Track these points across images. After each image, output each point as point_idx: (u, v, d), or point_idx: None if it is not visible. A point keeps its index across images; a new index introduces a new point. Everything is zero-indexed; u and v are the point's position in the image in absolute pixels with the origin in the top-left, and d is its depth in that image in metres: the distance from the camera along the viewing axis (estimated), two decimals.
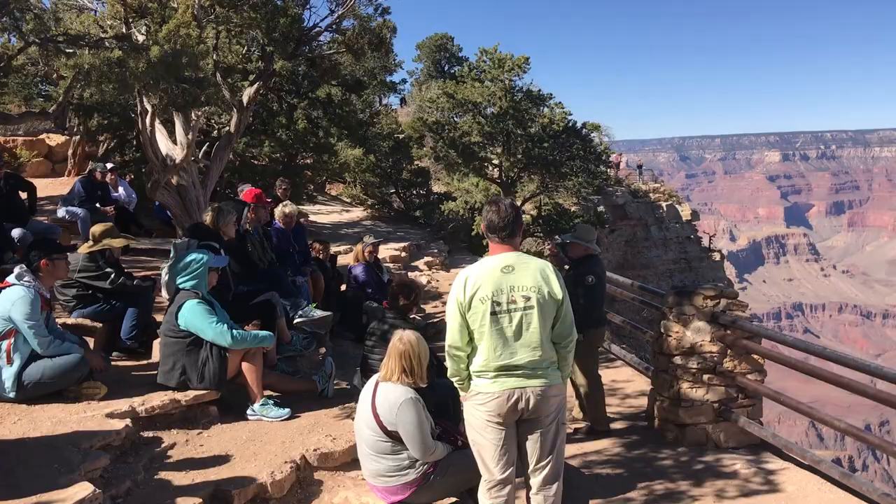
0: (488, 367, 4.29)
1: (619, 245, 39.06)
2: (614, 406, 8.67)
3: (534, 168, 19.08)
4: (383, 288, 9.92)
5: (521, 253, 4.46)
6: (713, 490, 6.28)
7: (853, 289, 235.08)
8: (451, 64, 41.67)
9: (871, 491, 5.80)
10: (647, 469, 6.80)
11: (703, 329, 7.31)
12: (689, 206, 46.62)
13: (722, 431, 7.28)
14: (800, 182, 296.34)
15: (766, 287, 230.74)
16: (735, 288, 33.13)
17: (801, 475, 6.57)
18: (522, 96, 18.91)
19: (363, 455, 4.99)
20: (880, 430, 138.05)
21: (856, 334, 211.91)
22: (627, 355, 10.35)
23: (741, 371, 7.28)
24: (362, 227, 19.47)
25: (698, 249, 43.64)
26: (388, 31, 11.67)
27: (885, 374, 5.67)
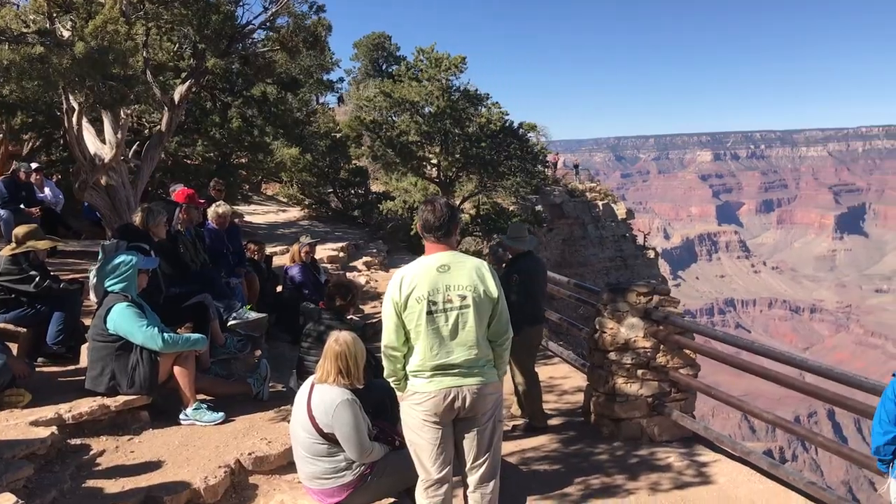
0: (424, 366, 4.28)
1: (556, 244, 39.54)
2: (552, 402, 8.77)
3: (472, 167, 19.15)
4: (320, 289, 9.82)
5: (457, 252, 4.47)
6: (648, 483, 6.41)
7: (782, 284, 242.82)
8: (389, 63, 41.57)
9: (797, 480, 6.00)
10: (583, 464, 6.89)
11: (637, 325, 7.44)
12: (624, 205, 47.51)
13: (656, 425, 7.43)
14: (731, 181, 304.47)
15: (699, 283, 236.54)
16: (669, 284, 33.83)
17: (732, 466, 6.75)
18: (460, 96, 18.96)
19: (299, 458, 4.93)
20: (808, 422, 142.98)
21: (785, 328, 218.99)
22: (564, 352, 10.48)
23: (674, 366, 7.44)
24: (299, 228, 19.25)
25: (634, 247, 44.50)
26: (324, 29, 11.54)
27: (811, 368, 5.86)
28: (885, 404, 4.36)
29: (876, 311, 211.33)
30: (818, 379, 5.86)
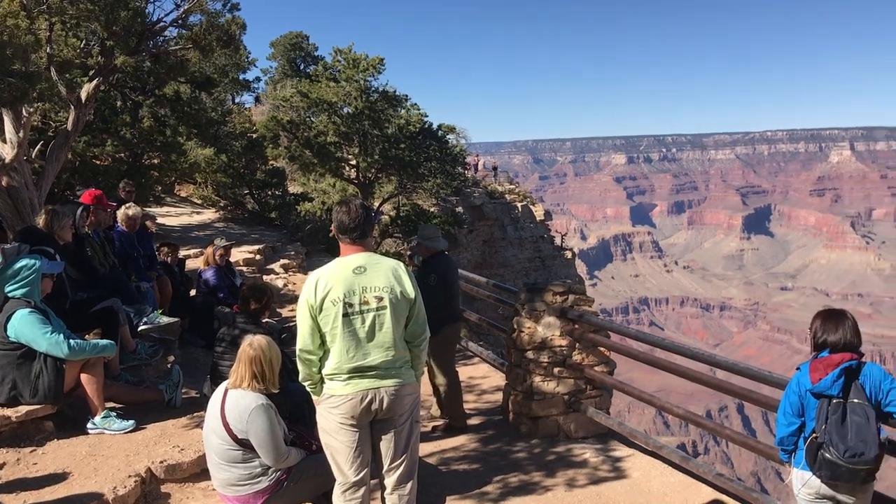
0: (341, 369, 4.25)
1: (477, 244, 39.91)
2: (471, 402, 8.83)
3: (391, 169, 19.11)
4: (236, 292, 9.62)
5: (373, 253, 4.45)
6: (565, 479, 6.52)
7: (693, 283, 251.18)
8: (307, 63, 41.11)
9: (706, 472, 6.21)
10: (502, 462, 6.96)
11: (554, 324, 7.57)
12: (542, 207, 48.35)
13: (572, 422, 7.57)
14: (644, 183, 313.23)
15: (614, 283, 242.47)
16: (586, 284, 34.41)
17: (646, 461, 6.94)
18: (378, 97, 18.88)
19: (213, 465, 4.82)
20: (719, 416, 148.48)
21: (696, 326, 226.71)
22: (484, 352, 10.56)
23: (589, 363, 7.60)
24: (214, 230, 18.82)
25: (552, 248, 45.29)
26: (238, 27, 11.29)
27: (720, 363, 6.08)
28: (789, 397, 4.55)
29: (781, 307, 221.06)
30: (728, 374, 6.06)
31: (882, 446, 4.27)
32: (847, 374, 4.31)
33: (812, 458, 4.33)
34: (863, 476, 4.26)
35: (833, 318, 4.51)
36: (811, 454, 4.34)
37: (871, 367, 4.44)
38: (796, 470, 4.54)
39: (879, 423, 4.37)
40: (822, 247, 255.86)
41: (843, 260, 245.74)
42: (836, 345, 4.40)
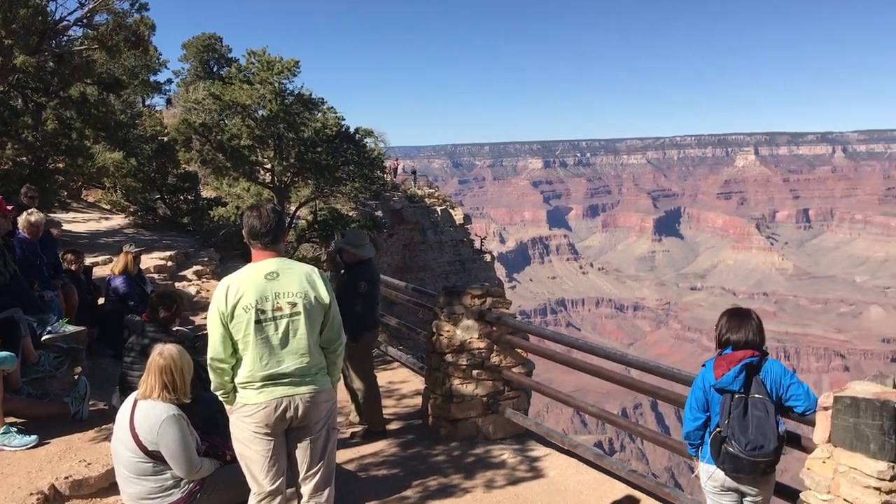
0: (254, 377, 4.16)
1: (397, 248, 39.85)
2: (391, 407, 8.80)
3: (308, 173, 18.85)
4: (146, 300, 9.32)
5: (286, 258, 4.39)
6: (483, 481, 6.57)
7: (608, 284, 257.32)
8: (221, 65, 40.25)
9: (620, 469, 6.36)
10: (421, 466, 6.96)
11: (472, 327, 7.62)
12: (461, 211, 48.65)
13: (491, 424, 7.64)
14: (560, 187, 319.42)
15: (532, 285, 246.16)
16: (505, 287, 34.66)
17: (562, 460, 7.06)
18: (294, 100, 18.62)
19: (122, 478, 4.66)
20: (634, 413, 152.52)
21: (611, 326, 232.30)
22: (404, 356, 10.55)
23: (507, 365, 7.68)
24: (123, 236, 18.20)
25: (471, 251, 45.62)
26: (147, 28, 11.01)
27: (630, 362, 6.24)
28: (695, 392, 4.71)
29: (692, 307, 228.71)
30: (641, 373, 6.21)
31: (781, 439, 4.46)
32: (748, 370, 4.49)
33: (716, 451, 4.49)
34: (763, 468, 4.44)
35: (737, 317, 4.69)
36: (715, 448, 4.50)
37: (772, 363, 4.63)
38: (702, 463, 4.70)
39: (779, 416, 4.57)
40: (729, 248, 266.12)
41: (748, 260, 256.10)
42: (739, 343, 4.57)
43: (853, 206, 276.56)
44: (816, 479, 4.43)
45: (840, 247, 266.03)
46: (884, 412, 4.10)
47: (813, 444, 4.52)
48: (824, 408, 4.44)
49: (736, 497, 4.66)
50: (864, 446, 4.16)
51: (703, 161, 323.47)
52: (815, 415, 4.52)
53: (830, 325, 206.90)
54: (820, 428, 4.48)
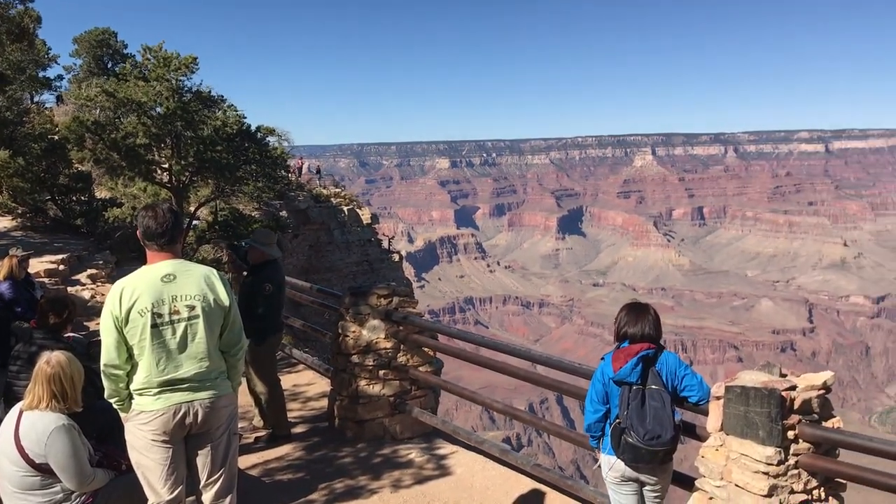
0: (150, 383, 4.02)
1: (303, 249, 39.26)
2: (296, 410, 8.68)
3: (207, 172, 18.31)
4: (35, 305, 8.86)
5: (184, 260, 4.25)
6: (391, 481, 6.55)
7: (515, 282, 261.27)
8: (115, 61, 38.64)
9: (524, 464, 6.46)
10: (328, 469, 6.89)
11: (379, 327, 7.59)
12: (369, 211, 48.30)
13: (398, 423, 7.63)
14: (467, 187, 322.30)
15: (441, 284, 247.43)
16: (414, 286, 34.68)
17: (469, 457, 7.11)
18: (192, 97, 18.06)
19: (6, 494, 4.41)
20: (541, 408, 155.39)
21: (518, 322, 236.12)
22: (309, 359, 10.43)
23: (414, 364, 7.68)
24: (10, 239, 17.25)
25: (379, 251, 45.40)
26: (32, 20, 10.49)
27: (533, 357, 6.36)
28: (595, 385, 4.82)
29: (594, 303, 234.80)
30: (545, 368, 6.31)
31: (677, 428, 4.62)
32: (644, 362, 4.64)
33: (616, 442, 4.62)
34: (661, 457, 4.59)
35: (635, 311, 4.83)
36: (615, 439, 4.62)
37: (667, 355, 4.80)
38: (604, 455, 4.82)
39: (675, 406, 4.74)
40: (628, 245, 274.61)
41: (647, 257, 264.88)
42: (636, 336, 4.71)
43: (744, 203, 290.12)
44: (710, 467, 4.61)
45: (732, 243, 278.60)
46: (771, 400, 4.31)
47: (707, 432, 4.71)
48: (716, 397, 4.64)
49: (636, 487, 4.80)
50: (754, 433, 4.36)
51: (603, 161, 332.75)
52: (708, 404, 4.71)
53: (724, 318, 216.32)
54: (713, 417, 4.68)
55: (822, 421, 4.52)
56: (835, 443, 4.44)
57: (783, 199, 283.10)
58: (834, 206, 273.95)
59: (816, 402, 4.48)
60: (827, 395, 4.55)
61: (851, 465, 4.40)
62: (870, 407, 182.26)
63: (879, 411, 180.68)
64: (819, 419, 4.51)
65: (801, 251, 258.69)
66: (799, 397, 4.40)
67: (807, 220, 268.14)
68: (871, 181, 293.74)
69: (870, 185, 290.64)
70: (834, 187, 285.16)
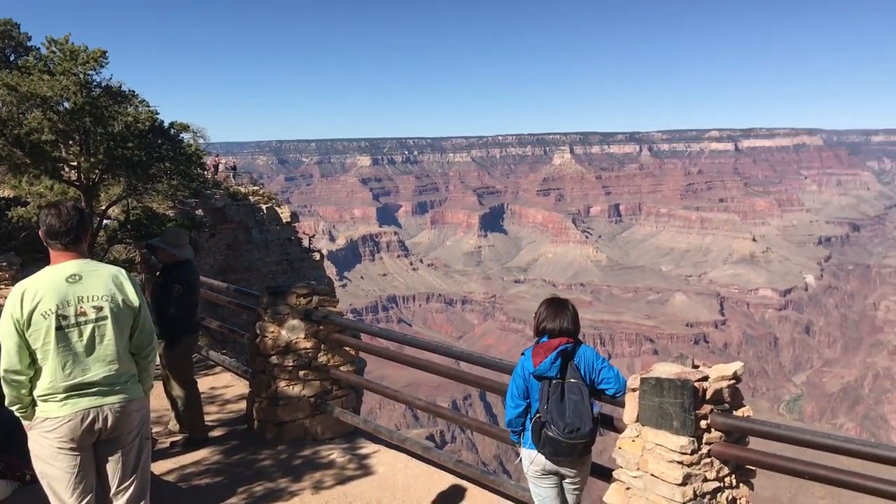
0: (56, 388, 3.85)
1: (220, 249, 38.38)
2: (214, 413, 8.49)
3: (118, 169, 17.64)
4: None
5: (90, 260, 4.08)
6: (312, 483, 6.47)
7: (437, 280, 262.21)
8: (18, 53, 36.94)
9: (446, 460, 6.48)
10: (247, 472, 6.76)
11: (298, 327, 7.47)
12: (288, 209, 47.57)
13: (319, 424, 7.54)
14: (389, 184, 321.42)
15: (364, 283, 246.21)
16: (336, 285, 34.43)
17: (391, 455, 7.09)
18: (101, 92, 17.38)
19: None
20: (464, 404, 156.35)
21: (441, 320, 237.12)
22: (227, 360, 10.19)
23: (335, 364, 7.60)
24: None
25: (300, 250, 44.76)
26: None
27: (455, 354, 6.36)
28: (515, 381, 4.87)
29: (516, 299, 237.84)
30: (468, 365, 6.34)
31: (596, 420, 4.71)
32: (563, 356, 4.71)
33: (537, 436, 4.67)
34: (580, 449, 4.66)
35: (554, 306, 4.89)
36: (536, 433, 4.67)
37: (585, 349, 4.88)
38: (524, 449, 4.87)
39: (593, 399, 4.83)
40: (548, 242, 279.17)
41: (566, 253, 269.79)
42: (555, 331, 4.78)
43: (658, 200, 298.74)
44: (627, 458, 4.72)
45: (647, 239, 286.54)
46: (684, 391, 4.44)
47: (623, 424, 4.81)
48: (632, 389, 4.74)
49: (556, 480, 4.87)
50: (668, 423, 4.48)
51: (523, 159, 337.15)
52: (625, 396, 4.81)
53: (640, 312, 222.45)
54: (629, 408, 4.78)
55: (733, 410, 4.68)
56: (745, 431, 4.60)
57: (695, 197, 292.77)
58: (743, 203, 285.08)
59: (727, 392, 4.63)
60: (737, 385, 4.71)
61: (760, 452, 4.57)
62: (778, 395, 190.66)
63: (787, 399, 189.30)
64: (730, 408, 4.66)
65: (713, 246, 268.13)
66: (711, 387, 4.55)
67: (718, 217, 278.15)
68: (778, 178, 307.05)
69: (776, 182, 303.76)
70: (743, 184, 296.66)
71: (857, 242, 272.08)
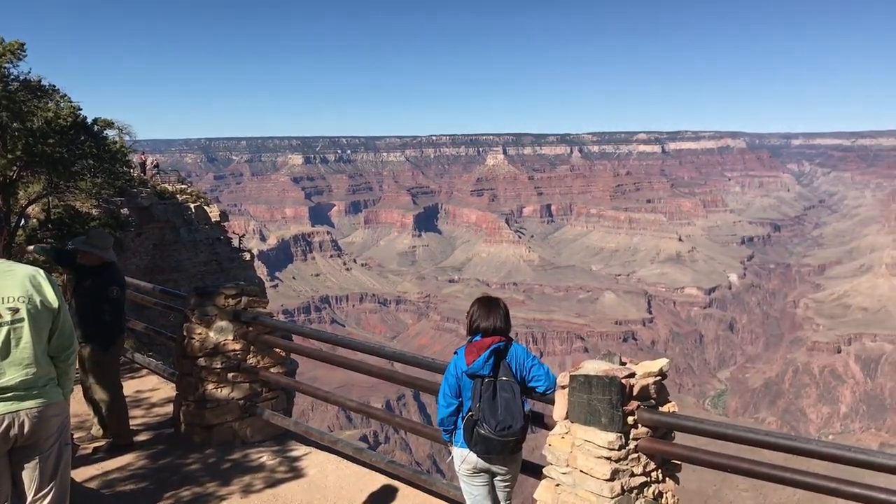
0: None
1: (147, 249, 37.41)
2: (139, 417, 8.28)
3: (38, 167, 17.00)
4: None
5: (5, 260, 3.92)
6: (241, 486, 6.36)
7: (371, 280, 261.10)
8: None
9: (379, 461, 6.46)
10: (174, 477, 6.61)
11: (227, 328, 7.34)
12: (218, 208, 46.64)
13: (248, 427, 7.42)
14: (321, 183, 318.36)
15: (296, 283, 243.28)
16: (267, 286, 33.98)
17: (323, 457, 7.03)
18: (19, 86, 16.70)
19: None
20: (398, 404, 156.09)
21: (375, 320, 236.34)
22: (153, 363, 9.96)
23: (265, 365, 7.50)
24: None
25: (229, 250, 43.94)
26: None
27: (386, 355, 6.35)
28: (448, 380, 4.88)
29: (450, 298, 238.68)
30: (401, 365, 6.33)
31: (527, 418, 4.76)
32: (496, 354, 4.75)
33: (469, 435, 4.69)
34: (512, 447, 4.71)
35: (487, 305, 4.93)
36: (468, 431, 4.70)
37: (516, 347, 4.93)
38: (456, 448, 4.89)
39: (524, 397, 4.88)
40: (482, 242, 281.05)
41: (500, 253, 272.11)
42: (488, 329, 4.81)
43: (588, 201, 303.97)
44: (557, 454, 4.78)
45: (578, 239, 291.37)
46: (612, 387, 4.52)
47: (553, 421, 4.88)
48: (562, 386, 4.81)
49: (487, 478, 4.90)
50: (597, 420, 4.56)
51: (457, 160, 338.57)
52: (555, 394, 4.88)
53: (571, 311, 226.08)
54: (559, 405, 4.85)
55: (659, 406, 4.79)
56: (670, 426, 4.72)
57: (624, 197, 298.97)
58: (670, 204, 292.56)
59: (653, 388, 4.74)
60: (663, 381, 4.82)
61: (686, 447, 4.69)
62: (703, 391, 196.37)
63: (712, 395, 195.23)
64: (656, 404, 4.77)
65: (641, 246, 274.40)
66: (637, 384, 4.64)
67: (645, 217, 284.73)
68: (703, 180, 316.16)
69: (701, 183, 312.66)
70: (670, 186, 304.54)
71: (777, 242, 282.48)
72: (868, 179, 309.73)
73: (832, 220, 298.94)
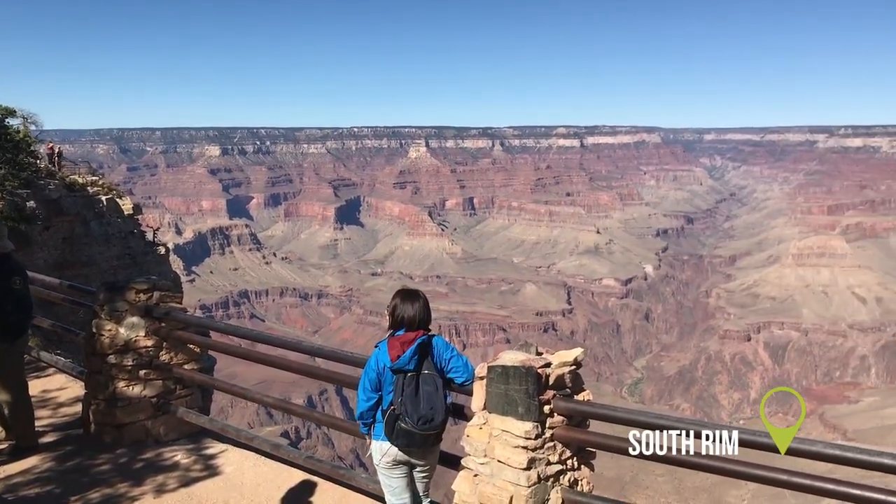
0: None
1: (56, 243, 35.95)
2: (45, 418, 7.96)
3: None
4: None
5: None
6: (154, 486, 6.21)
7: (292, 273, 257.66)
8: None
9: (297, 457, 6.39)
10: (83, 479, 6.40)
11: (138, 324, 7.14)
12: (131, 200, 45.17)
13: (162, 425, 7.24)
14: (240, 175, 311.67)
15: (213, 277, 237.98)
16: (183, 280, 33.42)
17: (240, 454, 6.91)
18: None
19: None
20: (320, 399, 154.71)
21: (296, 314, 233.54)
22: (60, 361, 9.59)
23: (178, 362, 7.32)
24: None
25: (143, 244, 42.65)
26: None
27: (305, 349, 6.28)
28: (368, 374, 4.87)
29: (373, 292, 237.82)
30: (320, 359, 6.26)
31: (448, 410, 4.79)
32: (421, 349, 4.76)
33: (390, 428, 4.70)
34: (432, 440, 4.74)
35: (409, 298, 4.93)
36: (389, 425, 4.70)
37: (437, 339, 4.96)
38: (375, 441, 4.89)
39: (446, 389, 4.91)
40: (405, 235, 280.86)
41: (423, 246, 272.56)
42: (412, 322, 4.82)
43: (510, 194, 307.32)
44: (475, 445, 4.83)
45: (500, 231, 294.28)
46: (528, 377, 4.59)
47: (472, 412, 4.92)
48: (480, 378, 4.86)
49: (406, 469, 4.92)
50: (514, 410, 4.62)
51: (379, 152, 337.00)
52: (473, 385, 4.92)
53: (494, 303, 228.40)
54: (477, 396, 4.90)
55: (575, 395, 4.89)
56: (585, 414, 4.82)
57: (544, 191, 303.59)
58: (588, 197, 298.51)
59: (569, 377, 4.83)
60: (578, 371, 4.92)
61: (600, 435, 4.80)
62: (621, 380, 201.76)
63: (629, 383, 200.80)
64: (571, 393, 4.87)
65: (560, 238, 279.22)
66: (553, 373, 4.73)
67: (565, 210, 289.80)
68: (620, 174, 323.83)
69: (618, 177, 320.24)
70: (588, 179, 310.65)
71: (691, 234, 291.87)
72: (776, 173, 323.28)
73: (742, 212, 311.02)
